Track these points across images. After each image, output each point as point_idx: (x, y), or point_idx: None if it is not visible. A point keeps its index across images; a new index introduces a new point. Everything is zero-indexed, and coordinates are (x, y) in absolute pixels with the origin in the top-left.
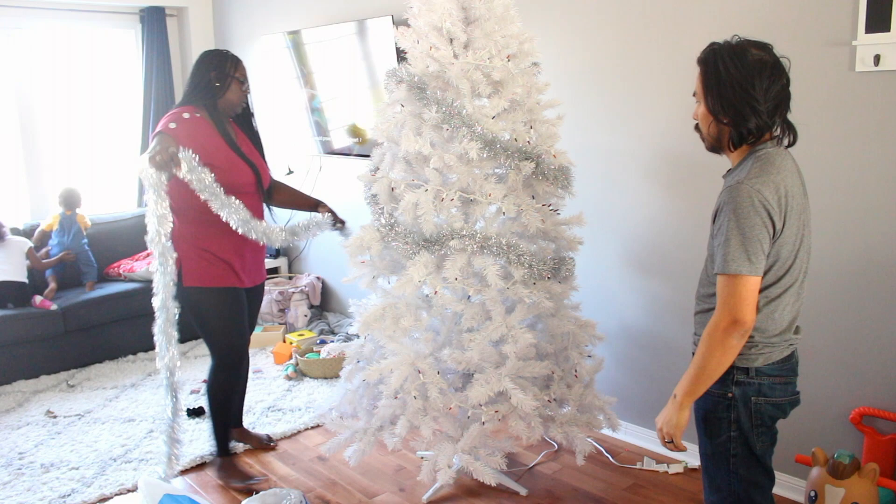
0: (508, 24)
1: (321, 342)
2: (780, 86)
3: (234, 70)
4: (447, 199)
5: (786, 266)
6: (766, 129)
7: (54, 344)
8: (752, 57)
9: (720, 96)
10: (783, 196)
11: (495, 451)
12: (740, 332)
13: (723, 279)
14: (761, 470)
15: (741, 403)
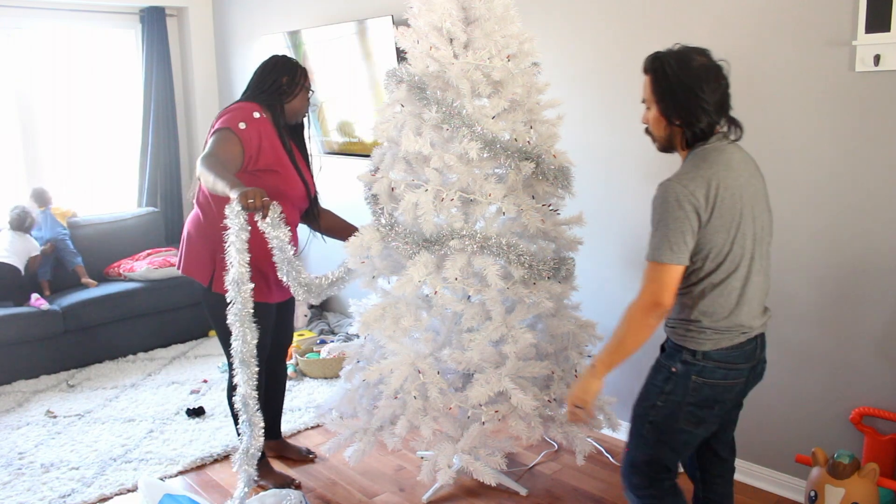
0: (508, 24)
1: (321, 342)
2: (722, 87)
3: (304, 80)
4: (447, 199)
5: (723, 253)
6: (715, 125)
7: (54, 344)
8: (696, 62)
9: (672, 100)
10: (713, 188)
11: (495, 451)
12: (658, 313)
13: (649, 265)
14: (673, 446)
15: (680, 379)
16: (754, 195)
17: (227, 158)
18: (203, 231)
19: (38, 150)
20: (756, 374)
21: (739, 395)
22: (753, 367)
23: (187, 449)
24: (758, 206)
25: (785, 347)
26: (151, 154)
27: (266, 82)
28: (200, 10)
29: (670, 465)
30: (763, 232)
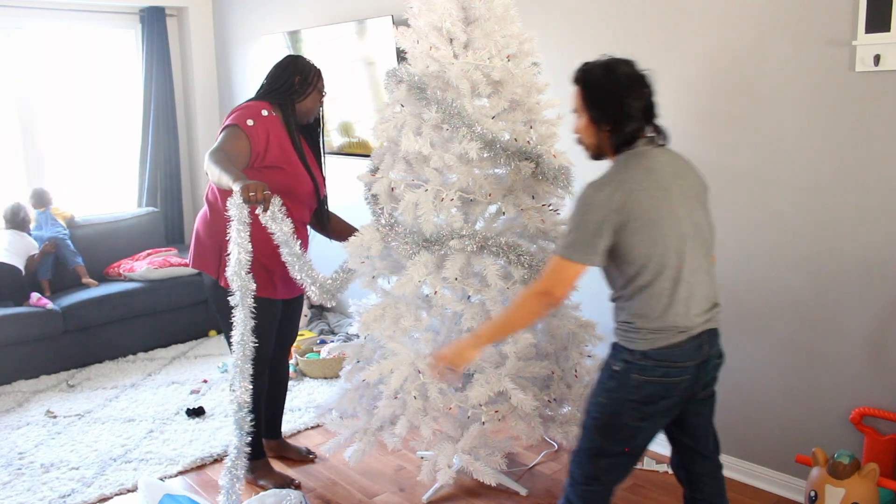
0: (508, 24)
1: (321, 342)
2: (647, 95)
3: (318, 81)
4: (447, 199)
5: (644, 256)
6: (641, 131)
7: (54, 344)
8: (621, 71)
9: (600, 108)
10: (627, 192)
11: (495, 451)
12: (547, 303)
13: (553, 258)
14: (618, 442)
15: (622, 377)
16: (681, 195)
17: (233, 154)
18: (210, 226)
19: (38, 150)
20: (709, 368)
21: (688, 390)
22: (702, 364)
23: (187, 449)
24: (685, 206)
25: (785, 347)
26: (151, 154)
27: (279, 81)
28: (200, 10)
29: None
30: (697, 231)
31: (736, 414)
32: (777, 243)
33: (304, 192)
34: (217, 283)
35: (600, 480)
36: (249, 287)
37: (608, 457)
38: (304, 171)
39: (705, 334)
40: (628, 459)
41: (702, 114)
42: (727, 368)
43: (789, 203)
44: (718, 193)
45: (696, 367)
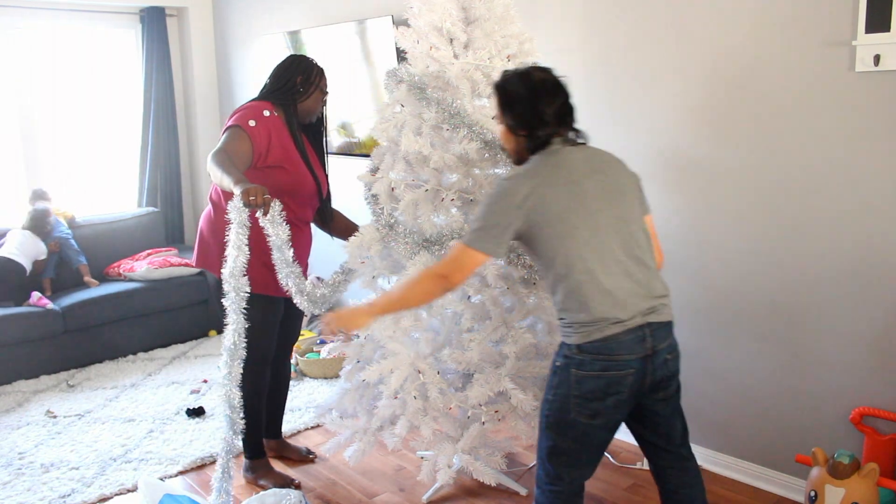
0: (508, 24)
1: (321, 342)
2: (562, 101)
3: (320, 80)
4: (447, 199)
5: (554, 249)
6: (555, 135)
7: (54, 344)
8: (535, 78)
9: (515, 113)
10: (534, 188)
11: (495, 451)
12: (443, 286)
13: (457, 244)
14: (571, 439)
15: (563, 373)
16: (598, 189)
17: (235, 155)
18: (214, 225)
19: (38, 150)
20: (658, 364)
21: (637, 385)
22: (649, 358)
23: (187, 449)
24: (602, 200)
25: (785, 347)
26: (151, 154)
27: (281, 81)
28: (200, 10)
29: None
30: (620, 223)
31: (736, 414)
32: (777, 243)
33: (307, 191)
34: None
35: (564, 479)
36: (244, 289)
37: (565, 455)
38: (306, 170)
39: (647, 327)
40: (589, 457)
41: (701, 114)
42: (727, 368)
43: (789, 203)
44: (718, 193)
45: (640, 360)
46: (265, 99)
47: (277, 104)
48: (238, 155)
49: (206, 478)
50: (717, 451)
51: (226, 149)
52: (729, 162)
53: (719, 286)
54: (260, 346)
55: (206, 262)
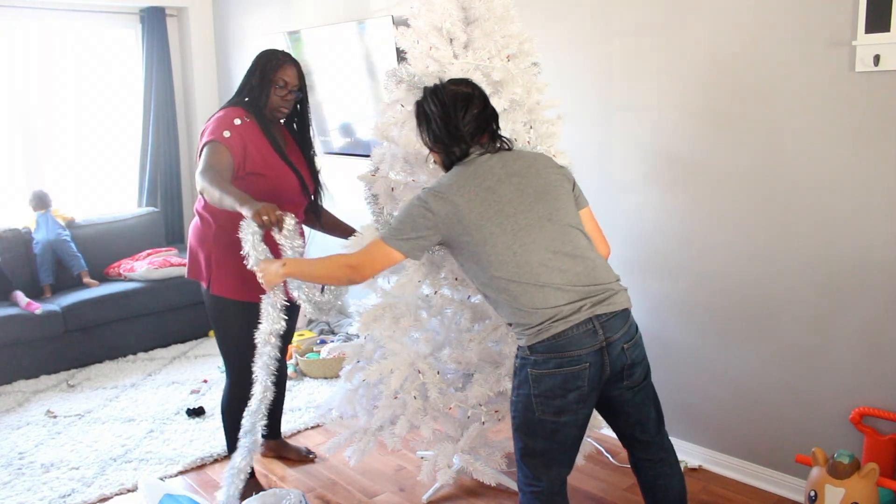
0: (508, 24)
1: (321, 342)
2: (477, 110)
3: (274, 74)
4: None
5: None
6: (469, 149)
7: (54, 344)
8: (448, 92)
9: (429, 131)
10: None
11: (495, 451)
12: (349, 275)
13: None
14: (541, 438)
15: (522, 373)
16: (517, 192)
17: (223, 170)
18: (200, 236)
19: (37, 150)
20: (616, 354)
21: (597, 379)
22: (604, 349)
23: (187, 449)
24: (523, 202)
25: (785, 347)
26: (151, 154)
27: (244, 82)
28: (200, 10)
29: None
30: (543, 222)
31: (736, 414)
32: (777, 243)
33: (290, 192)
34: (209, 291)
35: (542, 479)
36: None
37: (538, 455)
38: (287, 171)
39: (596, 319)
40: (563, 455)
41: (701, 114)
42: (727, 368)
43: (789, 203)
44: (718, 193)
45: (595, 353)
46: (235, 105)
47: (248, 109)
48: (225, 169)
49: (207, 478)
50: (717, 451)
51: (212, 165)
52: (729, 162)
53: (719, 286)
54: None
55: (195, 272)
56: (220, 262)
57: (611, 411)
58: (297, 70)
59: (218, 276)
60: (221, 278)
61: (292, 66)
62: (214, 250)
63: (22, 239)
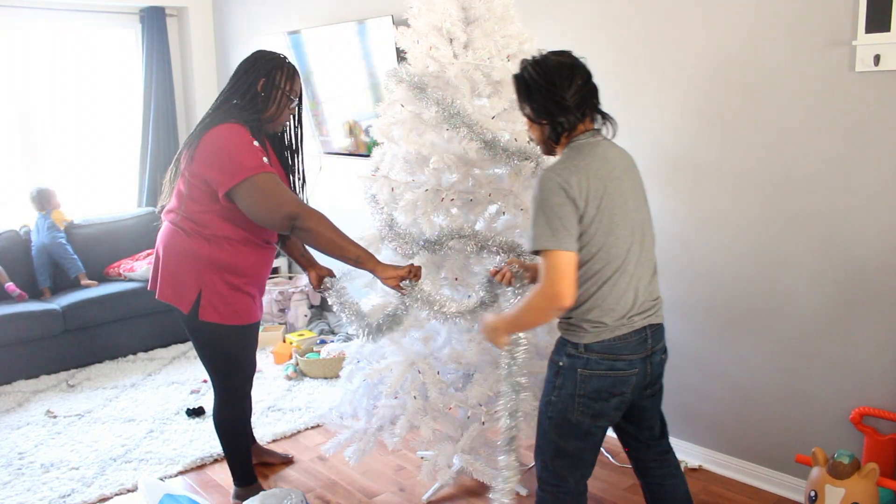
0: (508, 24)
1: (321, 342)
2: (582, 81)
3: (290, 84)
4: (447, 199)
5: (597, 245)
6: (577, 121)
7: (54, 344)
8: (551, 63)
9: (532, 102)
10: (584, 179)
11: (495, 451)
12: (556, 307)
13: (540, 257)
14: (574, 439)
15: (568, 372)
16: (632, 189)
17: None
18: (184, 256)
19: (37, 150)
20: (655, 364)
21: (639, 386)
22: (648, 358)
23: (187, 449)
24: (635, 200)
25: (785, 347)
26: (151, 154)
27: (242, 87)
28: (200, 10)
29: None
30: (644, 225)
31: (736, 414)
32: (777, 243)
33: None
34: (194, 317)
35: (568, 480)
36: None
37: (568, 456)
38: None
39: (649, 328)
40: (591, 457)
41: (702, 114)
42: (727, 368)
43: (789, 203)
44: (718, 193)
45: (642, 361)
46: (236, 119)
47: (248, 125)
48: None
49: (207, 478)
50: (717, 451)
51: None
52: (729, 162)
53: (719, 286)
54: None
55: (175, 296)
56: (212, 287)
57: (627, 416)
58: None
59: (207, 302)
60: (212, 304)
61: (300, 78)
62: (206, 274)
63: (20, 240)
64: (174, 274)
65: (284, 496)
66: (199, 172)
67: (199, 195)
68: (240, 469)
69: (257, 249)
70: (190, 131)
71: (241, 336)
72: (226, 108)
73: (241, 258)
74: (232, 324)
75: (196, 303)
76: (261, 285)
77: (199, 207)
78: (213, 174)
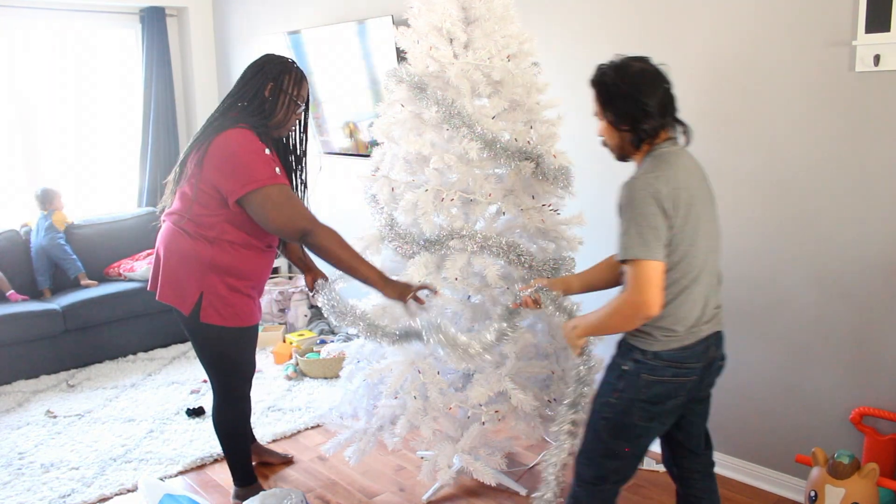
0: (508, 23)
1: (321, 342)
2: (663, 89)
3: (298, 90)
4: (447, 199)
5: (680, 254)
6: (660, 128)
7: (54, 344)
8: (633, 69)
9: (615, 108)
10: (674, 188)
11: (495, 451)
12: (643, 315)
13: (627, 266)
14: (626, 442)
15: (632, 377)
16: (710, 199)
17: None
18: (187, 257)
19: (37, 150)
20: (713, 370)
21: (694, 391)
22: (708, 365)
23: (187, 449)
24: (711, 211)
25: (785, 347)
26: (151, 154)
27: (250, 91)
28: (200, 10)
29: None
30: (717, 235)
31: (736, 414)
32: (777, 243)
33: None
34: (195, 319)
35: (609, 480)
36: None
37: (618, 458)
38: None
39: (712, 337)
40: (635, 459)
41: (702, 114)
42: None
43: (789, 203)
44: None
45: (702, 368)
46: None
47: (258, 130)
48: None
49: (207, 478)
50: (717, 451)
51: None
52: (729, 162)
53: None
54: (247, 370)
55: (176, 297)
56: (213, 290)
57: (678, 424)
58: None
59: (208, 304)
60: (213, 307)
61: (307, 83)
62: (208, 277)
63: (20, 240)
64: (175, 275)
65: (284, 496)
66: (209, 178)
67: (206, 199)
68: (240, 469)
69: (259, 253)
70: (190, 131)
71: (241, 338)
72: (234, 111)
73: (244, 261)
74: (233, 326)
75: (197, 305)
76: (261, 288)
77: (206, 211)
78: (223, 181)
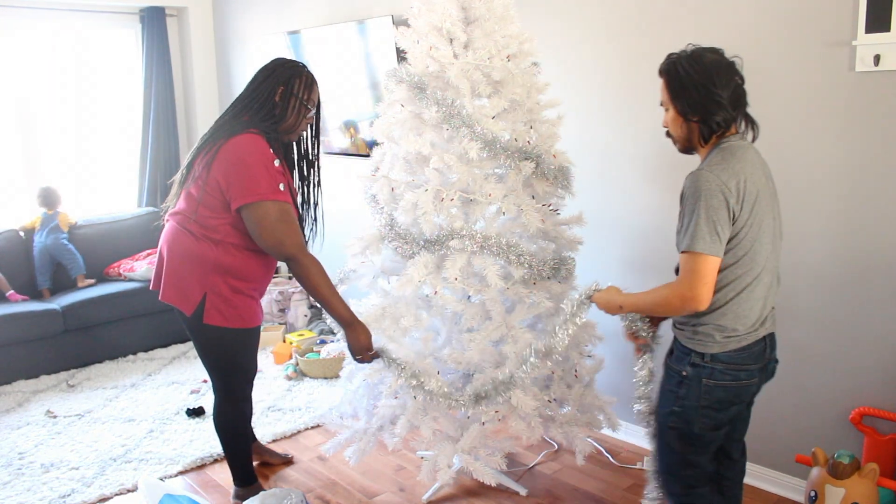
0: (508, 23)
1: (321, 342)
2: (736, 83)
3: (308, 94)
4: (447, 199)
5: (743, 250)
6: (732, 120)
7: (54, 344)
8: (707, 59)
9: (687, 98)
10: (741, 183)
11: (495, 451)
12: (691, 309)
13: (684, 256)
14: (698, 450)
15: (693, 383)
16: (774, 196)
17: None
18: (192, 258)
19: (38, 150)
20: (767, 373)
21: (753, 396)
22: (764, 367)
23: (187, 449)
24: (775, 208)
25: (785, 347)
26: (151, 154)
27: (261, 95)
28: (200, 10)
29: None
30: (777, 233)
31: None
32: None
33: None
34: (198, 319)
35: (696, 488)
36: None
37: (694, 466)
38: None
39: (768, 337)
40: (709, 465)
41: None
42: None
43: (788, 203)
44: None
45: (760, 370)
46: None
47: (268, 136)
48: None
49: (207, 478)
50: None
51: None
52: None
53: None
54: (249, 371)
55: (180, 298)
56: (217, 290)
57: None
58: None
59: (212, 306)
60: (216, 308)
61: (317, 88)
62: (211, 278)
63: (20, 240)
64: (179, 276)
65: (284, 496)
66: (216, 181)
67: (212, 202)
68: (240, 469)
69: (264, 256)
70: (190, 131)
71: (243, 339)
72: (245, 115)
73: (248, 263)
74: (235, 327)
75: (200, 305)
76: (263, 290)
77: (211, 214)
78: (228, 186)
